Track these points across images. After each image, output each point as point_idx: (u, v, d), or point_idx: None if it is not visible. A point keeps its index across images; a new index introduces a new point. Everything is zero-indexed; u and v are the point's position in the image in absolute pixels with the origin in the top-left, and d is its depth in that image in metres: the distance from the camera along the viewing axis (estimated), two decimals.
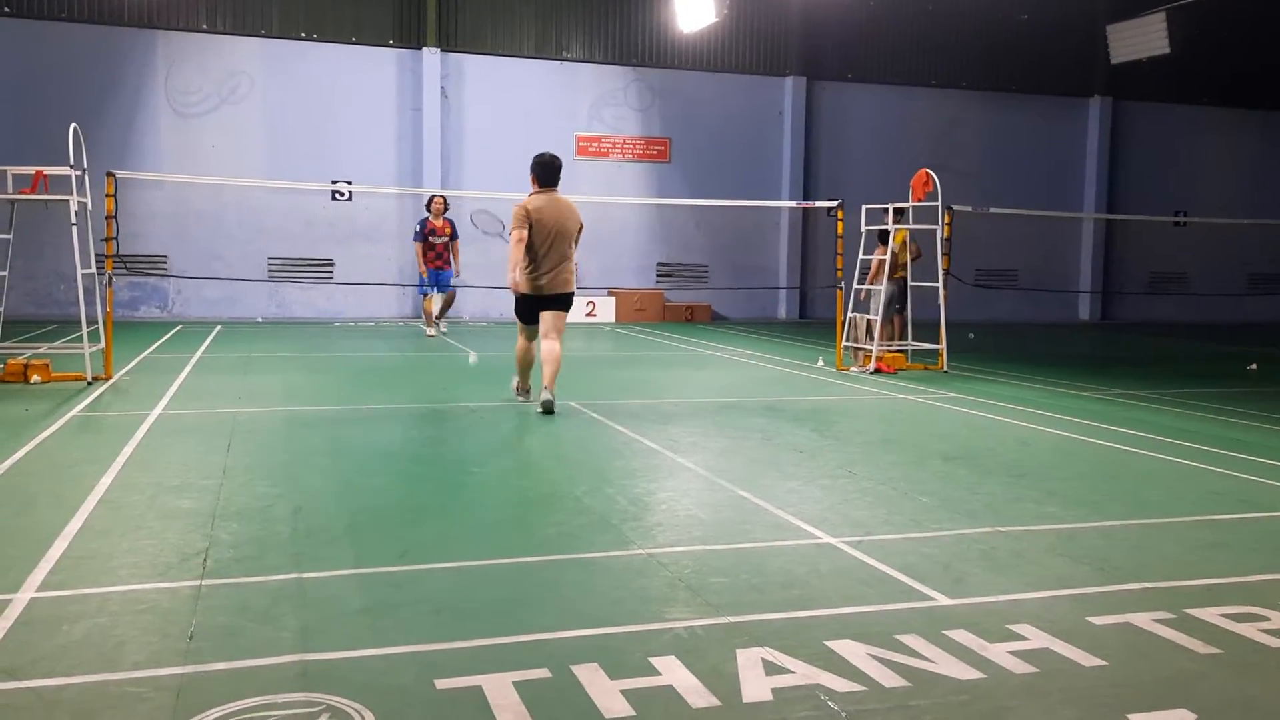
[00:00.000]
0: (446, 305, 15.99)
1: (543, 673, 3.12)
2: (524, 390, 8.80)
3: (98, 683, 3.00)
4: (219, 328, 16.71)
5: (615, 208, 20.95)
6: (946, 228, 12.04)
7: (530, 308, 8.35)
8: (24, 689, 2.94)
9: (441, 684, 3.03)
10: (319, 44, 19.51)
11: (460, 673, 3.11)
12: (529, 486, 5.88)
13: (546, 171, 8.41)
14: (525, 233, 8.13)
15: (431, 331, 15.65)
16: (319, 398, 9.11)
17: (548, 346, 8.25)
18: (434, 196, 15.54)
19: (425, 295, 15.64)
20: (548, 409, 8.10)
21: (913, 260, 12.53)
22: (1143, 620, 3.69)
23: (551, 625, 3.53)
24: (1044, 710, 2.97)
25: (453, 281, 15.57)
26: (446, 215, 15.38)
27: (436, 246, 15.21)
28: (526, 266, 8.19)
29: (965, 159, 22.87)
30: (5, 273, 9.82)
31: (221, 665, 3.14)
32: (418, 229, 15.37)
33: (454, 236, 15.34)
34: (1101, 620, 3.68)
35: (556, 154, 8.56)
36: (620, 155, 21.28)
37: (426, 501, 5.43)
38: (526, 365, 8.70)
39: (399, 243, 20.12)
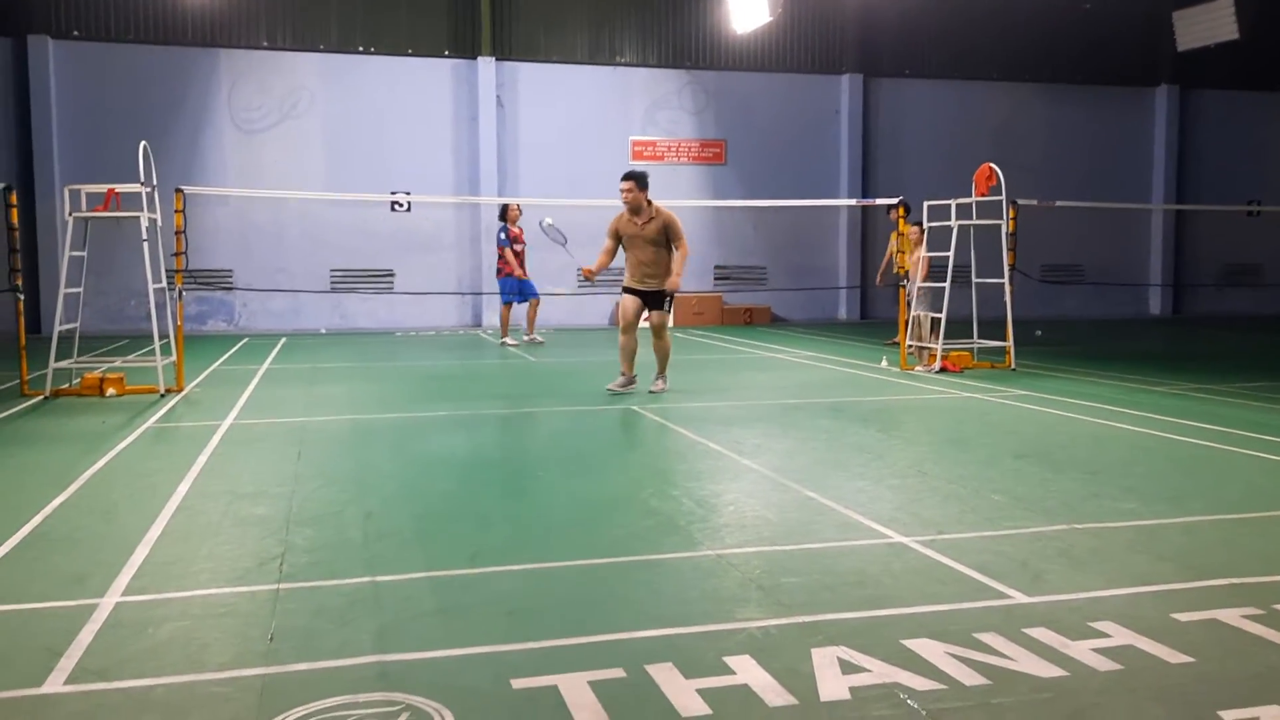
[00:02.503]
0: (534, 313, 15.59)
1: (618, 672, 3.12)
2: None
3: (184, 683, 3.06)
4: (284, 340, 17.00)
5: (671, 211, 20.88)
6: (1011, 222, 11.85)
7: None
8: (114, 689, 3.01)
9: (518, 683, 3.04)
10: (376, 57, 19.79)
11: (536, 672, 3.12)
12: (594, 490, 5.89)
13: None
14: None
15: (515, 341, 15.34)
16: (384, 406, 9.22)
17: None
18: (512, 205, 15.27)
19: (512, 304, 15.26)
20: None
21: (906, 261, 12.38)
22: (1230, 616, 3.59)
23: (624, 626, 3.53)
24: (1131, 708, 2.90)
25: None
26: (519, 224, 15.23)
27: (520, 255, 15.06)
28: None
29: (1029, 153, 22.47)
30: (80, 289, 10.08)
31: (302, 666, 3.18)
32: (504, 237, 15.03)
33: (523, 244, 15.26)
34: (1187, 617, 3.59)
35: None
36: (675, 158, 21.27)
37: (493, 506, 5.46)
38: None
39: (458, 252, 20.31)
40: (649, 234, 9.07)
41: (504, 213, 15.32)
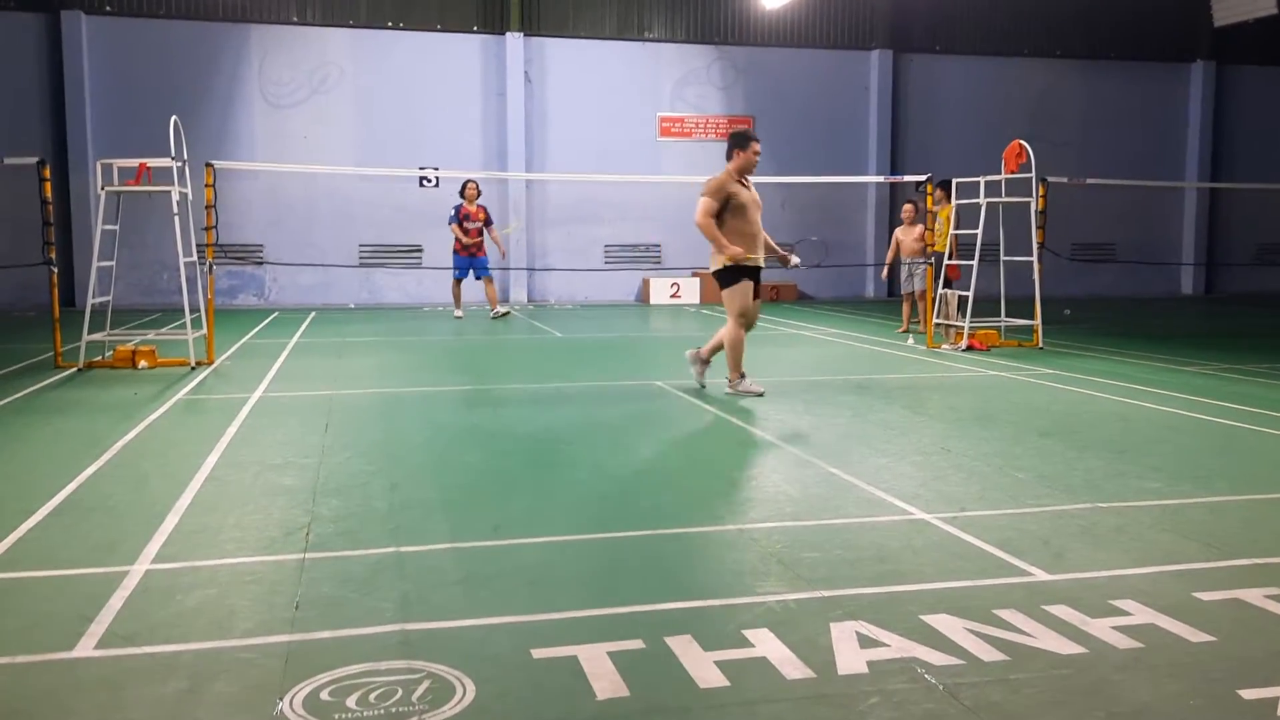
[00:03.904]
0: (490, 290, 15.97)
1: (637, 643, 3.15)
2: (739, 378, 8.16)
3: (211, 649, 3.12)
4: (313, 314, 17.13)
5: (699, 188, 20.80)
6: (1041, 200, 11.73)
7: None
8: (143, 654, 3.08)
9: (538, 653, 3.08)
10: (405, 32, 19.78)
11: (556, 642, 3.15)
12: (618, 464, 5.92)
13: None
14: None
15: (459, 314, 15.90)
16: (411, 379, 9.29)
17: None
18: (468, 182, 15.66)
19: (458, 279, 15.78)
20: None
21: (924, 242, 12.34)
22: (1253, 596, 3.57)
23: (644, 598, 3.55)
24: (1150, 685, 2.89)
25: (494, 264, 15.83)
26: (480, 201, 15.61)
27: (471, 232, 15.43)
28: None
29: (1061, 130, 22.20)
30: (113, 262, 10.19)
31: (326, 634, 3.23)
32: (452, 213, 15.58)
33: (488, 223, 15.57)
34: (1209, 596, 3.58)
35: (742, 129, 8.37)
36: (704, 135, 21.17)
37: (517, 478, 5.50)
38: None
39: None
40: (758, 198, 8.14)
41: (462, 189, 15.67)
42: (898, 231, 13.58)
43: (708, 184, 8.13)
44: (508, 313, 15.96)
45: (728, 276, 8.05)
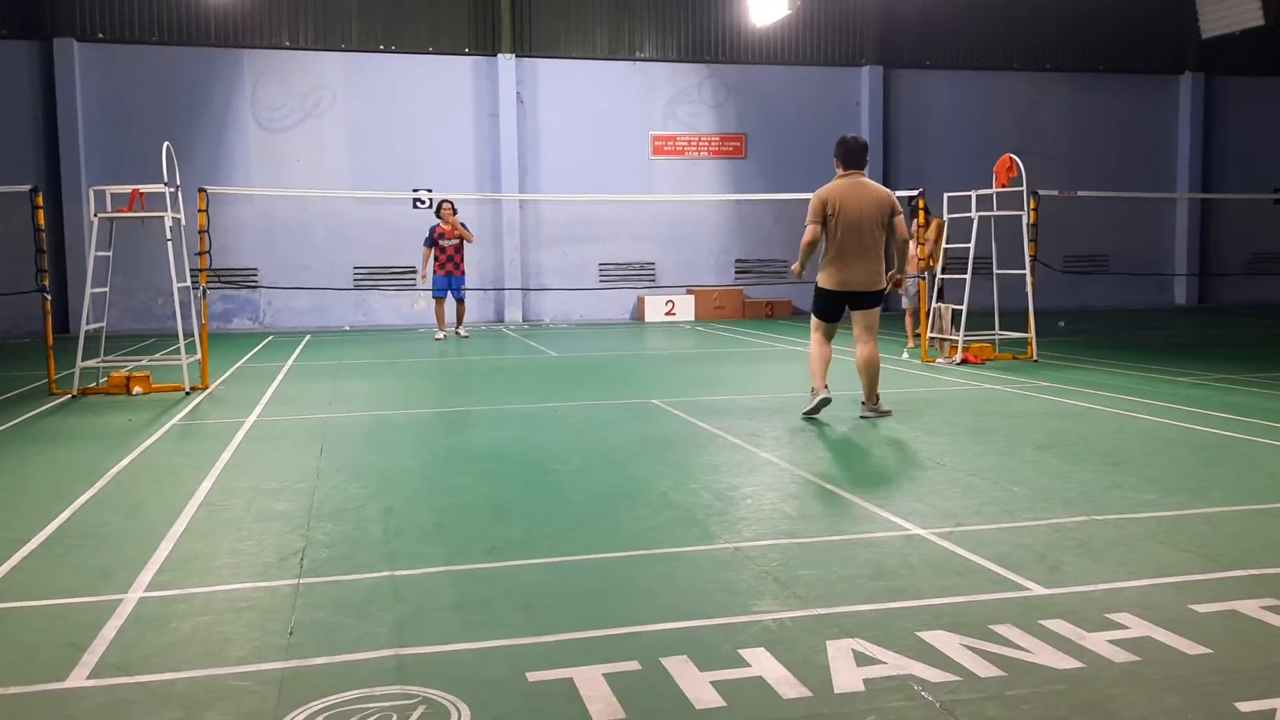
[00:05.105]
0: (461, 314, 16.29)
1: (633, 665, 3.14)
2: (821, 392, 7.74)
3: (205, 677, 3.10)
4: (308, 337, 17.12)
5: (692, 205, 20.93)
6: (1032, 213, 11.78)
7: (833, 304, 7.80)
8: (136, 684, 3.06)
9: (533, 676, 3.07)
10: (397, 55, 19.85)
11: (551, 665, 3.14)
12: (613, 483, 5.91)
13: (846, 152, 7.70)
14: (817, 226, 7.59)
15: (440, 335, 16.14)
16: (406, 402, 9.28)
17: (862, 352, 7.75)
18: (443, 202, 15.84)
19: (438, 298, 16.08)
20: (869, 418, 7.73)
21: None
22: (1249, 608, 3.57)
23: (640, 618, 3.55)
24: (1146, 699, 2.89)
25: (486, 283, 16.04)
26: (459, 219, 15.81)
27: (448, 250, 15.61)
28: (828, 259, 7.67)
29: (1052, 143, 22.31)
30: (106, 289, 10.19)
31: (321, 660, 3.22)
32: (428, 235, 15.84)
33: (463, 240, 15.79)
34: (1206, 608, 3.57)
35: (859, 136, 7.89)
36: (696, 153, 21.24)
37: (512, 500, 5.48)
38: (821, 365, 7.83)
39: (479, 248, 20.32)
40: None
41: (438, 209, 15.87)
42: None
43: (897, 200, 7.80)
44: (466, 336, 16.25)
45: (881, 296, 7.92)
